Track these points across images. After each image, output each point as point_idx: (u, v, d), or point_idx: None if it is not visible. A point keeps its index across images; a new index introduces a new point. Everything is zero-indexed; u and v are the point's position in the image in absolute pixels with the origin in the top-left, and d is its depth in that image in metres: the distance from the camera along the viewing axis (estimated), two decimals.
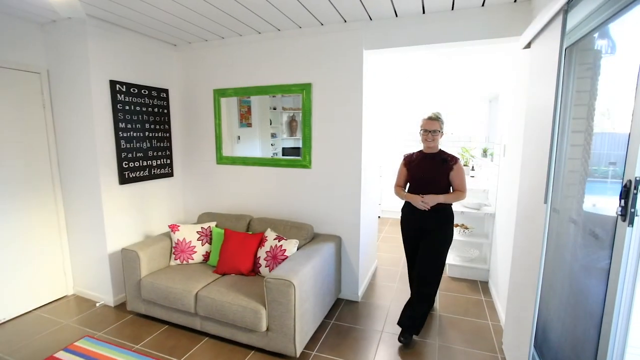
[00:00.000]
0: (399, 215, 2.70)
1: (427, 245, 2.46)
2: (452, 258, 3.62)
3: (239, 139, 3.56)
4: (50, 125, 2.91)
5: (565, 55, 1.83)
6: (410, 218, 2.55)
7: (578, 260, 1.67)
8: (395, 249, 4.50)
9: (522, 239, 2.03)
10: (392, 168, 6.17)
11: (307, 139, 2.96)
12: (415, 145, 6.06)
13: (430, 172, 2.45)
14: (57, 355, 2.28)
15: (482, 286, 3.40)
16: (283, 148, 3.50)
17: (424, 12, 2.51)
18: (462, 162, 2.31)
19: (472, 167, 5.31)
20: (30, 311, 2.87)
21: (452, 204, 2.53)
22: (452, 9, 2.45)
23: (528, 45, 2.09)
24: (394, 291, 3.29)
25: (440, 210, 2.45)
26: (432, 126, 2.41)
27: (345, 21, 2.70)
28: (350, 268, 3.04)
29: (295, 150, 3.32)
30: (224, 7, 2.42)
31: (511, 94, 2.86)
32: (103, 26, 2.71)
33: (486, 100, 5.49)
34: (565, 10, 1.50)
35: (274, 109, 3.50)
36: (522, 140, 2.18)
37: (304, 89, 2.91)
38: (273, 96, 3.28)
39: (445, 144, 5.98)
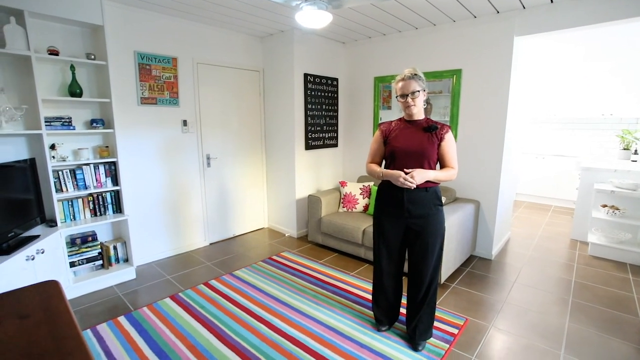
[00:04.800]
0: (536, 199, 2.01)
1: (421, 243, 2.04)
2: (597, 238, 3.62)
3: (381, 119, 4.30)
4: (262, 107, 4.20)
5: None
6: (391, 202, 2.06)
7: None
8: (530, 225, 4.60)
9: None
10: (531, 153, 6.01)
11: (454, 115, 3.48)
12: (565, 134, 5.75)
13: (416, 144, 1.96)
14: (273, 257, 3.50)
15: (631, 269, 3.35)
16: None
17: None
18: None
19: (635, 150, 4.84)
20: (246, 233, 4.29)
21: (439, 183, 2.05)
22: None
23: None
24: (527, 257, 3.57)
25: (431, 191, 1.99)
26: (408, 88, 1.92)
27: (498, 12, 3.07)
28: (486, 229, 3.48)
29: None
30: (392, 11, 3.11)
31: None
32: (303, 35, 3.76)
33: None
34: None
35: None
36: None
37: (455, 74, 3.41)
38: None
39: (601, 127, 5.47)
